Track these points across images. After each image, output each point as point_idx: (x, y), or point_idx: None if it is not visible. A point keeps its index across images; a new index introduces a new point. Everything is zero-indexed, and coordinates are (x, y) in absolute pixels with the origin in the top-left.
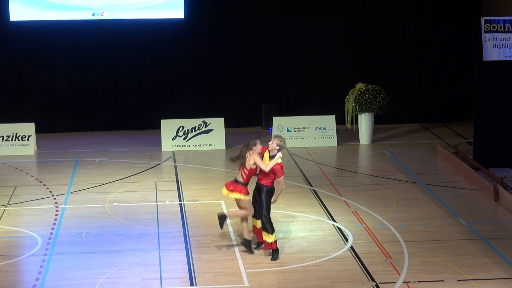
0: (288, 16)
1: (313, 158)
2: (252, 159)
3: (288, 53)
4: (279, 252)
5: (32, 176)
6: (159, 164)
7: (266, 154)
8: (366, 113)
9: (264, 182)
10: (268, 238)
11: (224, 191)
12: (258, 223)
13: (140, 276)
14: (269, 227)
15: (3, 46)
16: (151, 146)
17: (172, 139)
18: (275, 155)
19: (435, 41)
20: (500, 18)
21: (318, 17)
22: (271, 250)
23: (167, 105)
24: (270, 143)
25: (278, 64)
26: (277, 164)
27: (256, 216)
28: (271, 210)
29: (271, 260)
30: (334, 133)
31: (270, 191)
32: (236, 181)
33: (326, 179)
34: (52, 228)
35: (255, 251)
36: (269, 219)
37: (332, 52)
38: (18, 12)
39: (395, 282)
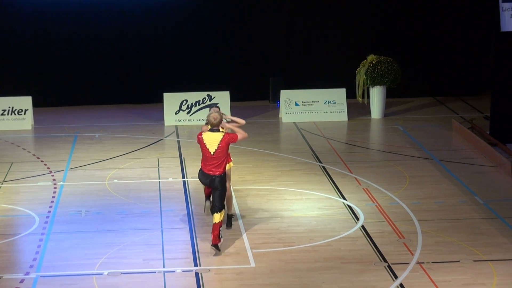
0: None
1: (322, 133)
2: None
3: (296, 23)
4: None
5: (29, 151)
6: (162, 139)
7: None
8: (378, 86)
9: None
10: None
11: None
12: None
13: (141, 256)
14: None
15: None
16: (153, 121)
17: (175, 113)
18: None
19: (451, 10)
20: None
21: None
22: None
23: (169, 77)
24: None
25: (286, 34)
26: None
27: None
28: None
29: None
30: (344, 107)
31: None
32: None
33: (336, 155)
34: (50, 206)
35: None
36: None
37: (342, 22)
38: None
39: (408, 263)
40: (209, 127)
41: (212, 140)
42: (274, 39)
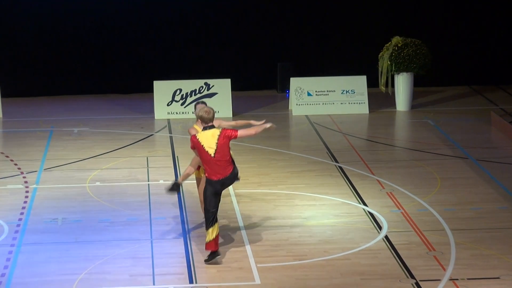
0: None
1: (339, 128)
2: None
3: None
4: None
5: None
6: (152, 135)
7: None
8: (404, 73)
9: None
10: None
11: None
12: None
13: (128, 271)
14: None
15: None
16: (141, 113)
17: (167, 105)
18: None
19: None
20: None
21: None
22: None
23: (161, 63)
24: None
25: (296, 13)
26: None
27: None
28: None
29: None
30: (365, 98)
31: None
32: None
33: (355, 153)
34: (21, 213)
35: None
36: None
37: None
38: None
39: (439, 280)
40: (202, 125)
41: (210, 139)
42: (283, 18)
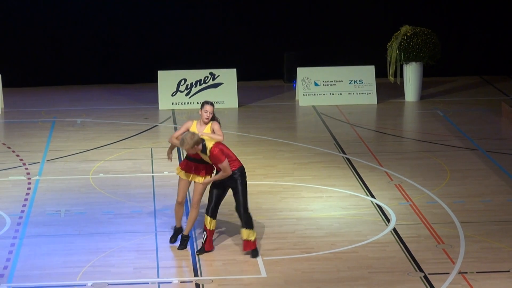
0: None
1: (347, 119)
2: None
3: None
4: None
5: None
6: (156, 125)
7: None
8: (413, 63)
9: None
10: (252, 235)
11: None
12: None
13: (132, 264)
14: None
15: None
16: (145, 104)
17: (172, 95)
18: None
19: None
20: None
21: None
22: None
23: (165, 53)
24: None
25: (304, 3)
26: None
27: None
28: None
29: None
30: (373, 88)
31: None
32: None
33: (363, 145)
34: (24, 205)
35: None
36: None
37: None
38: None
39: (448, 273)
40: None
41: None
42: (290, 7)
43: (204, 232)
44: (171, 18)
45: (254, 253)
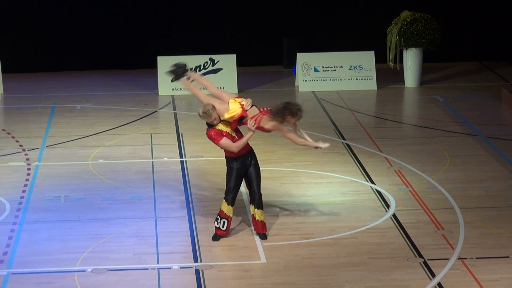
0: None
1: (346, 105)
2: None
3: None
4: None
5: None
6: (155, 111)
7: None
8: (413, 49)
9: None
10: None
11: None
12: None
13: (132, 250)
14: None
15: None
16: (145, 90)
17: (172, 81)
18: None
19: None
20: None
21: None
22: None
23: (165, 38)
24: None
25: None
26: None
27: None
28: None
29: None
30: (373, 73)
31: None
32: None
33: (363, 130)
34: (23, 191)
35: None
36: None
37: None
38: None
39: (448, 259)
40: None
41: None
42: None
43: (224, 220)
44: (171, 3)
45: (264, 236)
